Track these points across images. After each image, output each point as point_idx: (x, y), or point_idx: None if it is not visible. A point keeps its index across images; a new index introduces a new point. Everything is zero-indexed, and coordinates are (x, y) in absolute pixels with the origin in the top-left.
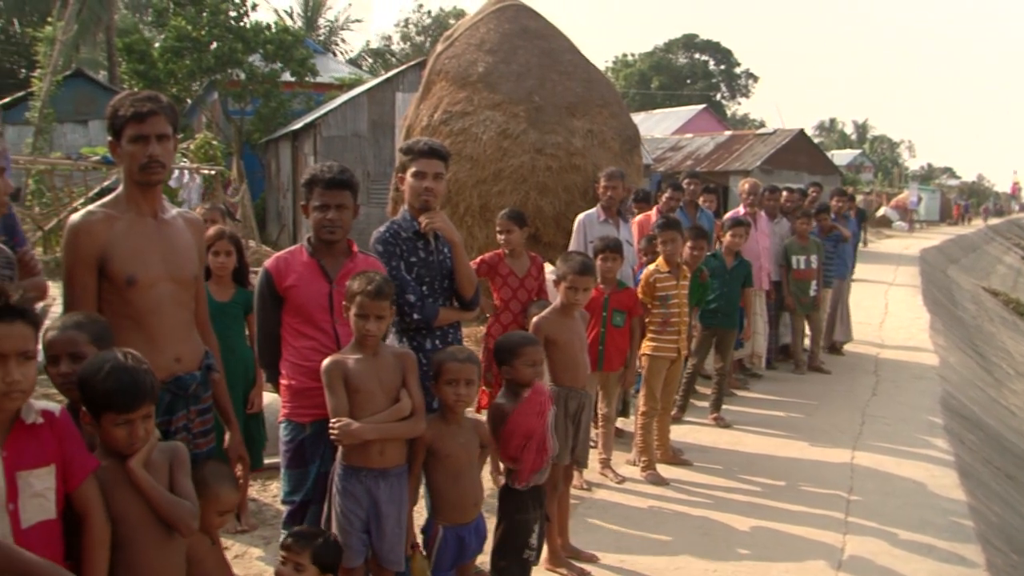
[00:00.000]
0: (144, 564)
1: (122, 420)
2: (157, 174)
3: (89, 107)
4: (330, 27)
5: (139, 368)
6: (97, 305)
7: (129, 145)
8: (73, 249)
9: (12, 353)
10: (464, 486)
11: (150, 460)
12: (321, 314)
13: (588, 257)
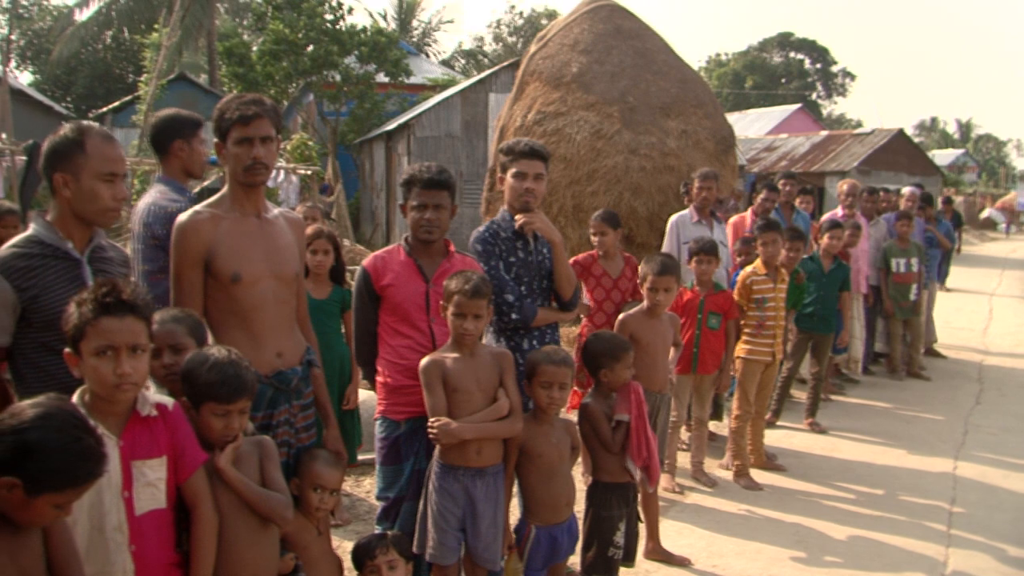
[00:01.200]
0: (239, 553)
1: (221, 411)
2: (261, 175)
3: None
4: (423, 28)
5: (241, 363)
6: (203, 302)
7: (234, 147)
8: (181, 247)
9: (123, 346)
10: (556, 486)
11: (240, 455)
12: (418, 313)
13: (669, 257)
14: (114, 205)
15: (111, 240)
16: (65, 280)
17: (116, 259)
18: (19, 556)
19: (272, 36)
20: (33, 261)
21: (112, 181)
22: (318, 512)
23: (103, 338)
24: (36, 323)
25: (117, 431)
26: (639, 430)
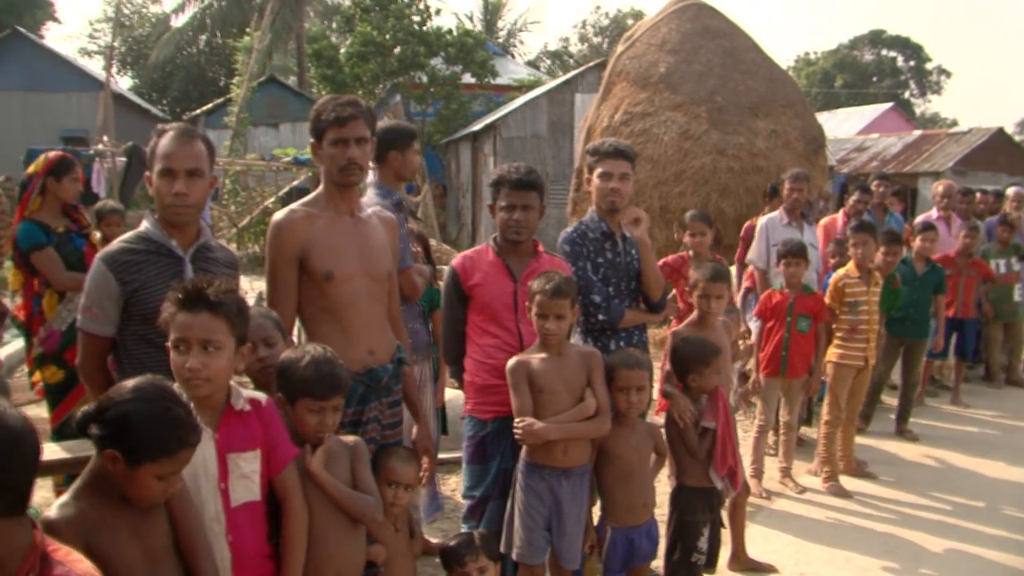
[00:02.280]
0: (327, 549)
1: (316, 407)
2: (355, 175)
3: (280, 111)
4: (509, 29)
5: (335, 361)
6: (297, 299)
7: (330, 148)
8: (276, 245)
9: (194, 341)
10: (634, 488)
11: (331, 455)
12: (506, 312)
13: (721, 264)
14: (171, 201)
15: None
16: (166, 276)
17: (222, 260)
18: (145, 536)
19: (360, 38)
20: (138, 256)
21: (168, 176)
22: (393, 508)
23: (177, 331)
24: (136, 316)
25: (213, 424)
26: (724, 438)
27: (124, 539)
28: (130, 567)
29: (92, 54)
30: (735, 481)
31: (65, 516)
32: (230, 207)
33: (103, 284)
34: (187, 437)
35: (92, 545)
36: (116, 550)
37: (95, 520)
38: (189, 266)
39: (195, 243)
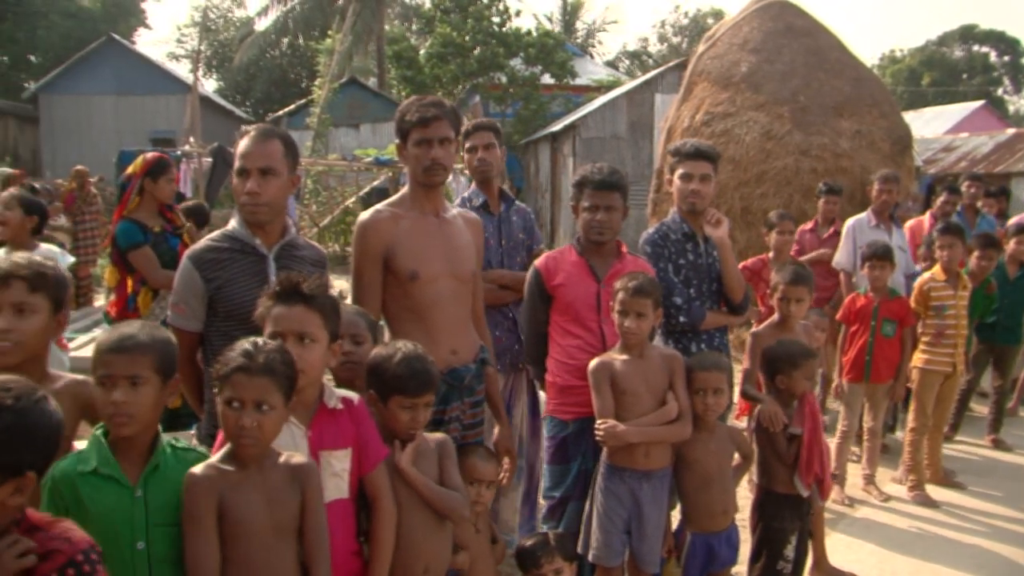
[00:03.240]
0: (415, 546)
1: (408, 404)
2: (439, 176)
3: (360, 112)
4: (587, 30)
5: (427, 358)
6: (382, 298)
7: (414, 148)
8: (362, 245)
9: (289, 333)
10: (713, 494)
11: (421, 452)
12: (588, 313)
13: (803, 267)
14: (245, 199)
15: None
16: (249, 274)
17: (308, 258)
18: (275, 509)
19: (440, 39)
20: (222, 254)
21: (244, 175)
22: (475, 506)
23: (273, 324)
24: (220, 312)
25: (306, 422)
26: (811, 445)
27: (254, 504)
28: (255, 532)
29: (180, 58)
30: (823, 490)
31: (205, 472)
32: (312, 207)
33: (189, 281)
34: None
35: (224, 502)
36: (245, 511)
37: (232, 481)
38: (273, 264)
39: (280, 241)
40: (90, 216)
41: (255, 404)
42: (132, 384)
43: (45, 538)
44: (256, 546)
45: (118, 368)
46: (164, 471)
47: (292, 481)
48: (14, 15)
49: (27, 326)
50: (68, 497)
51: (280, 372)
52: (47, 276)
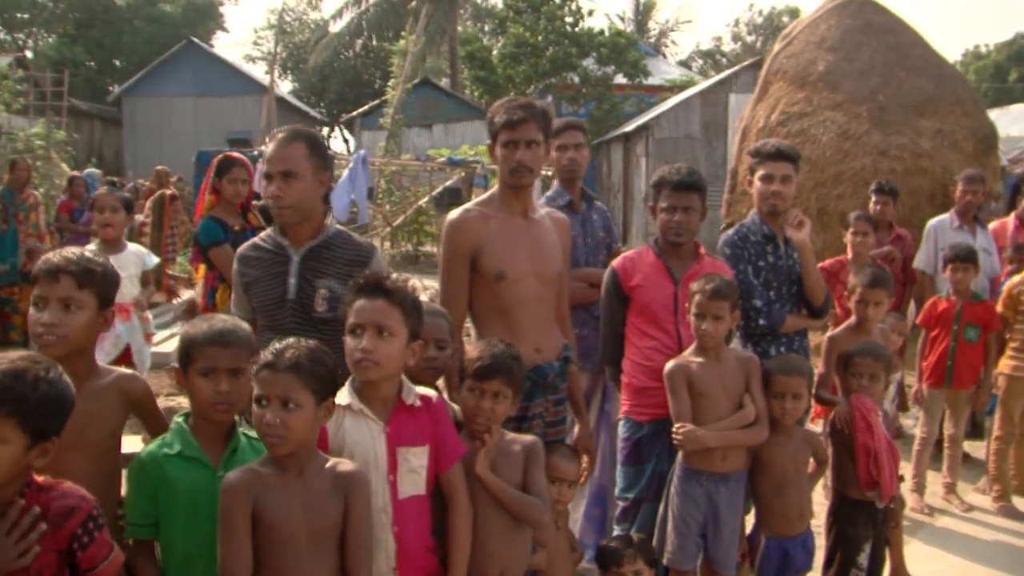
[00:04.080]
0: (492, 547)
1: (474, 387)
2: (525, 178)
3: (433, 112)
4: (660, 29)
5: (507, 350)
6: (468, 297)
7: (502, 149)
8: (450, 244)
9: (369, 325)
10: (788, 498)
11: (508, 453)
12: (665, 315)
13: (882, 269)
14: (271, 203)
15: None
16: (272, 274)
17: (344, 257)
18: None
19: (513, 39)
20: (258, 252)
21: (269, 179)
22: (557, 505)
23: (354, 316)
24: (254, 306)
25: (384, 418)
26: (864, 447)
27: (290, 510)
28: (289, 538)
29: (256, 60)
30: (881, 494)
31: (241, 475)
32: (385, 206)
33: (235, 276)
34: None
35: (258, 505)
36: (280, 515)
37: (269, 485)
38: (296, 266)
39: (310, 243)
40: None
41: (280, 401)
42: (234, 375)
43: (58, 496)
44: (290, 553)
45: (222, 361)
46: (241, 455)
47: (335, 488)
48: (101, 22)
49: (73, 321)
50: (155, 477)
51: (308, 369)
52: (95, 273)
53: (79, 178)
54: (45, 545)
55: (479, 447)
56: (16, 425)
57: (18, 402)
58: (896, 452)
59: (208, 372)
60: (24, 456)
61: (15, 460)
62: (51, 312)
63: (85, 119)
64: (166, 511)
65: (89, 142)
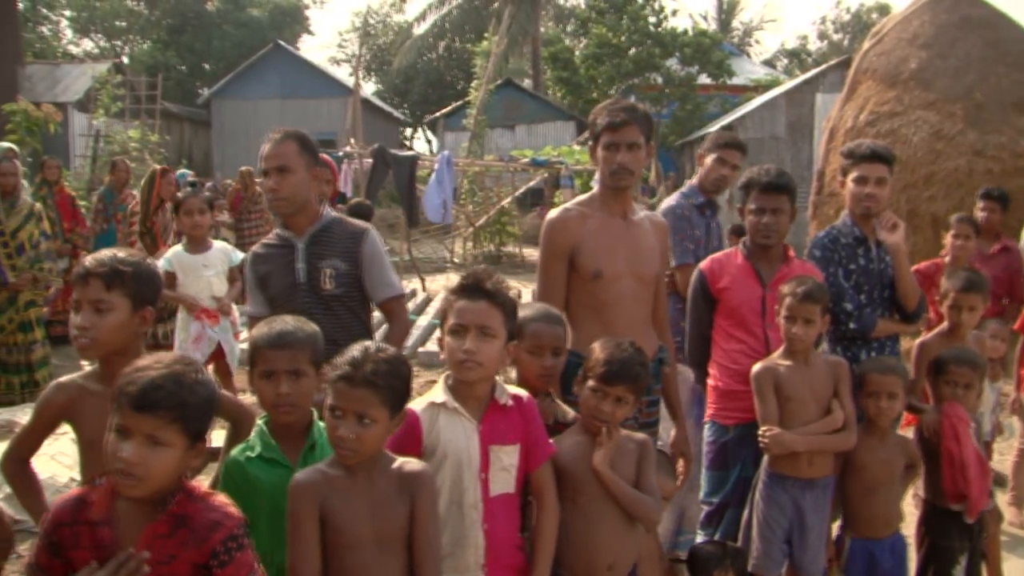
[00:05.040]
0: (602, 542)
1: (598, 389)
2: (625, 180)
3: (516, 113)
4: (744, 28)
5: (635, 355)
6: (565, 295)
7: (602, 151)
8: (549, 242)
9: (472, 326)
10: (876, 502)
11: (623, 450)
12: (753, 317)
13: (976, 273)
14: (268, 196)
15: None
16: (282, 265)
17: (341, 238)
18: (379, 518)
19: (595, 40)
20: (268, 250)
21: (265, 175)
22: None
23: (456, 317)
24: (267, 299)
25: (477, 416)
26: (950, 458)
27: (357, 512)
28: (357, 541)
29: (340, 62)
30: (970, 506)
31: (309, 477)
32: (468, 207)
33: (249, 274)
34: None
35: (325, 507)
36: (347, 518)
37: (337, 487)
38: (302, 252)
39: (310, 230)
40: (255, 214)
41: (356, 416)
42: (294, 376)
43: (206, 507)
44: (357, 556)
45: (281, 363)
46: (319, 452)
47: (401, 489)
48: (192, 28)
49: (104, 323)
50: (239, 478)
51: (385, 385)
52: (124, 274)
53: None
54: (184, 556)
55: (598, 444)
56: (179, 430)
57: (180, 406)
58: (986, 466)
59: (268, 374)
60: (184, 458)
61: (178, 463)
62: (83, 315)
63: (176, 121)
64: (251, 513)
65: (180, 144)
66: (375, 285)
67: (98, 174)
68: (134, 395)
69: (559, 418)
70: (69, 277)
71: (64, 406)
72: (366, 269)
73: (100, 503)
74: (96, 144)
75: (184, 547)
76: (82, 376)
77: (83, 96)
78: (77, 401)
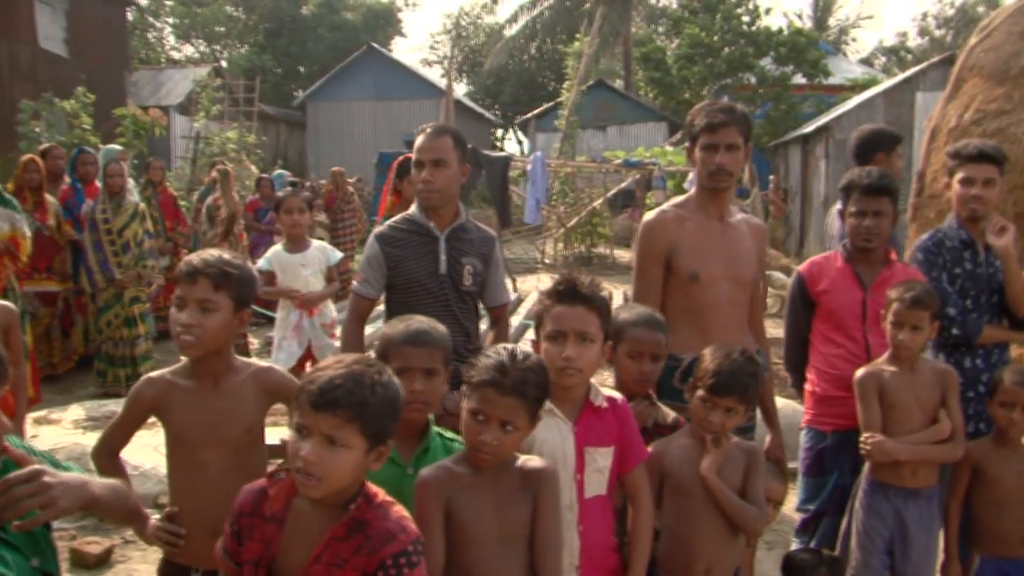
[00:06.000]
0: (702, 544)
1: (708, 399)
2: (723, 181)
3: (607, 114)
4: (840, 26)
5: (744, 366)
6: (661, 297)
7: (700, 152)
8: (645, 244)
9: (570, 332)
10: (1008, 517)
11: (730, 457)
12: (853, 322)
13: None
14: (421, 187)
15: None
16: (421, 252)
17: (476, 239)
18: (504, 516)
19: (688, 40)
20: (401, 235)
21: (419, 167)
22: None
23: (554, 323)
24: (397, 284)
25: (572, 418)
26: None
27: (482, 510)
28: (481, 538)
29: (432, 64)
30: None
31: (436, 474)
32: (559, 207)
33: (372, 255)
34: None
35: (451, 504)
36: (472, 515)
37: (463, 484)
38: (443, 244)
39: (451, 225)
40: (348, 214)
41: (500, 423)
42: (428, 375)
43: (384, 516)
44: (481, 552)
45: (416, 361)
46: (433, 454)
47: (524, 487)
48: (288, 31)
49: (209, 322)
50: None
51: (531, 395)
52: (231, 275)
53: (266, 179)
54: (354, 562)
55: (706, 451)
56: (357, 430)
57: (359, 407)
58: None
59: (402, 371)
60: (364, 460)
61: (357, 464)
62: (189, 313)
63: (272, 123)
64: None
65: (275, 145)
66: (495, 289)
67: (198, 175)
68: (313, 394)
69: (659, 420)
70: (171, 274)
71: (154, 401)
72: (491, 272)
73: (277, 498)
74: (196, 145)
75: (356, 553)
76: (172, 371)
77: (184, 99)
78: (166, 396)
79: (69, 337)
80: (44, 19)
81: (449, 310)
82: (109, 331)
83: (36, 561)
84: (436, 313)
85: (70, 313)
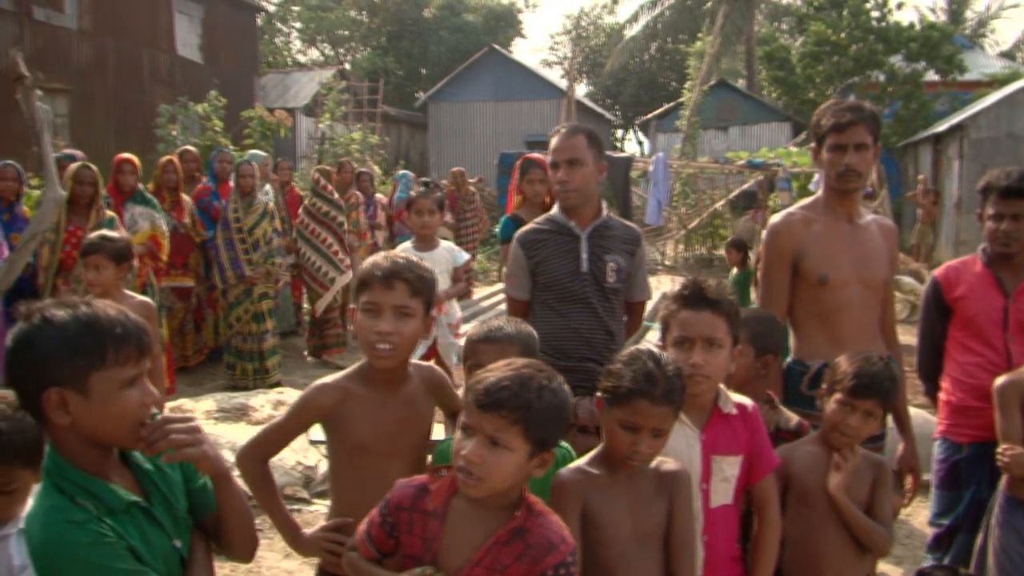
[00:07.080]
0: (825, 560)
1: (847, 401)
2: (852, 182)
3: (730, 114)
4: (978, 18)
5: (881, 369)
6: (788, 301)
7: (828, 153)
8: (772, 247)
9: (697, 338)
10: None
11: (859, 472)
12: (993, 329)
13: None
14: (557, 188)
15: None
16: (563, 252)
17: (620, 236)
18: (639, 516)
19: (814, 37)
20: (542, 235)
21: (555, 168)
22: None
23: (680, 329)
24: (540, 284)
25: (700, 425)
26: None
27: (618, 510)
28: (617, 538)
29: (552, 64)
30: None
31: (573, 475)
32: (681, 209)
33: (517, 258)
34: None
35: (588, 506)
36: (608, 517)
37: (599, 485)
38: (585, 243)
39: (593, 223)
40: (470, 213)
41: (655, 433)
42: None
43: (544, 525)
44: (617, 552)
45: (488, 357)
46: None
47: (660, 488)
48: (410, 34)
49: (407, 329)
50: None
51: (679, 401)
52: (426, 280)
53: (365, 173)
54: (514, 569)
55: (835, 466)
56: (520, 433)
57: (524, 410)
58: None
59: (474, 368)
60: (526, 465)
61: (518, 468)
62: (387, 320)
63: (394, 124)
64: None
65: (397, 145)
66: (638, 286)
67: None
68: (480, 393)
69: (781, 425)
70: (296, 272)
71: (329, 409)
72: (636, 269)
73: (438, 495)
74: (321, 146)
75: (517, 560)
76: (346, 377)
77: (310, 101)
78: (341, 404)
79: (201, 331)
80: (182, 28)
81: (591, 308)
82: (239, 326)
83: (178, 543)
84: (577, 312)
85: (202, 308)
